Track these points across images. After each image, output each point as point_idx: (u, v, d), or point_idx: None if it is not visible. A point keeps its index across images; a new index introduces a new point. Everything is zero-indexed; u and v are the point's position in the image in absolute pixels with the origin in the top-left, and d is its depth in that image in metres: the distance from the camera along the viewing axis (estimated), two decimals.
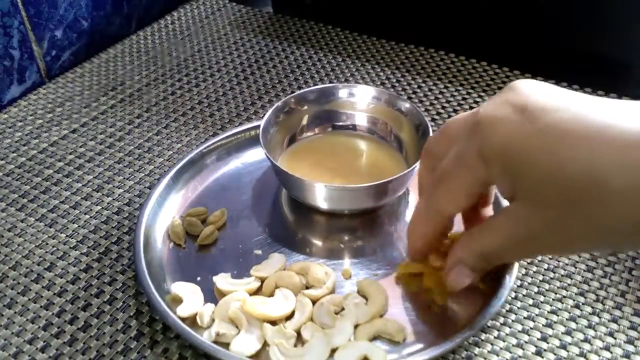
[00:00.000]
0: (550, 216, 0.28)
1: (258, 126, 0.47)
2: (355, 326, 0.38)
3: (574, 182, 0.27)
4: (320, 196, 0.44)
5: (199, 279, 0.42)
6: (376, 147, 0.50)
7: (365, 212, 0.46)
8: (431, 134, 0.45)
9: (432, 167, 0.36)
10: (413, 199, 0.47)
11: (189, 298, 0.39)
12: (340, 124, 0.51)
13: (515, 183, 0.29)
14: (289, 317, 0.39)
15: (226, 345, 0.37)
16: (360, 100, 0.50)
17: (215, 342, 0.37)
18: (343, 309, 0.39)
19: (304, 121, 0.51)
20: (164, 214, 0.46)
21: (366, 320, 0.38)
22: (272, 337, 0.37)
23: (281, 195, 0.48)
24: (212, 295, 0.41)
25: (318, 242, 0.45)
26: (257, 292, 0.41)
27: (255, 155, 0.51)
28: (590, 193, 0.26)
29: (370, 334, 0.38)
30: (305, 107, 0.50)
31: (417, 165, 0.41)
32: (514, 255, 0.35)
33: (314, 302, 0.39)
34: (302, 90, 0.51)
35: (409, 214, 0.46)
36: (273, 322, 0.38)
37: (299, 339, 0.38)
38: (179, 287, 0.40)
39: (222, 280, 0.41)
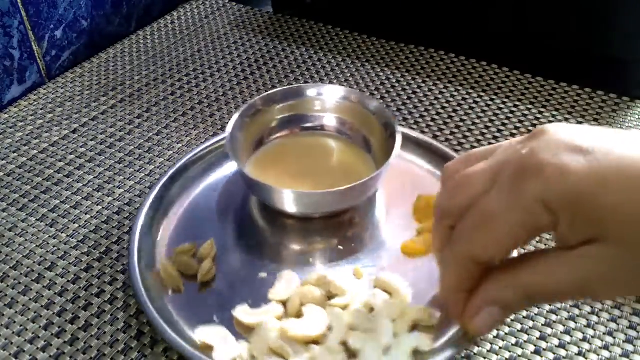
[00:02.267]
0: None
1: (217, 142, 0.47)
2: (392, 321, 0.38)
3: None
4: (289, 202, 0.43)
5: (215, 317, 0.39)
6: (345, 147, 0.49)
7: (341, 212, 0.45)
8: (399, 132, 0.44)
9: (451, 226, 0.32)
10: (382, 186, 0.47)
11: (218, 342, 0.37)
12: (309, 125, 0.50)
13: (597, 228, 0.27)
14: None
15: None
16: (328, 100, 0.50)
17: None
18: (372, 309, 0.38)
19: (272, 124, 0.49)
20: (150, 261, 0.42)
21: (399, 314, 0.38)
22: (321, 356, 0.36)
23: (252, 205, 0.47)
24: (233, 329, 0.38)
25: (314, 250, 0.44)
26: (282, 315, 0.39)
27: (223, 172, 0.49)
28: None
29: (409, 325, 0.37)
30: (273, 109, 0.49)
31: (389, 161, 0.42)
32: (582, 295, 0.32)
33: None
34: (267, 92, 0.49)
35: (382, 199, 0.47)
36: (314, 342, 0.37)
37: (346, 350, 0.36)
38: (203, 334, 0.38)
39: (243, 314, 0.38)
